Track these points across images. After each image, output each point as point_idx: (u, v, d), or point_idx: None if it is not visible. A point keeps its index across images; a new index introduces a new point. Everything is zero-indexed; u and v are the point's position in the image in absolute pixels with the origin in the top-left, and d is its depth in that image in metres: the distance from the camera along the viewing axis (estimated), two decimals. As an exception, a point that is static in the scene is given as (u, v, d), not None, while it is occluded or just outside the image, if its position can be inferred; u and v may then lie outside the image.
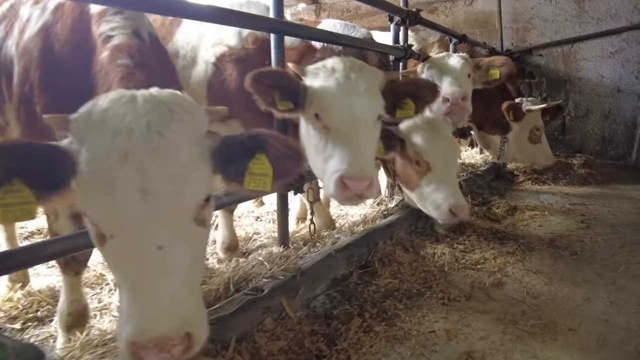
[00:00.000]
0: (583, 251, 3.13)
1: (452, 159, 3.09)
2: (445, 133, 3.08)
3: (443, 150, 2.97)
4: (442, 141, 3.00)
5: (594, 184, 5.48)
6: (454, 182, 3.05)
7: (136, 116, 1.19)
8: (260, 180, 1.40)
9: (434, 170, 2.95)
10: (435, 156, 2.94)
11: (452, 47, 5.24)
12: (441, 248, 3.11)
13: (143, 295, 1.12)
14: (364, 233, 2.97)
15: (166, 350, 1.09)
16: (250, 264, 2.47)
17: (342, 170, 1.95)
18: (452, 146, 3.10)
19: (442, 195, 2.91)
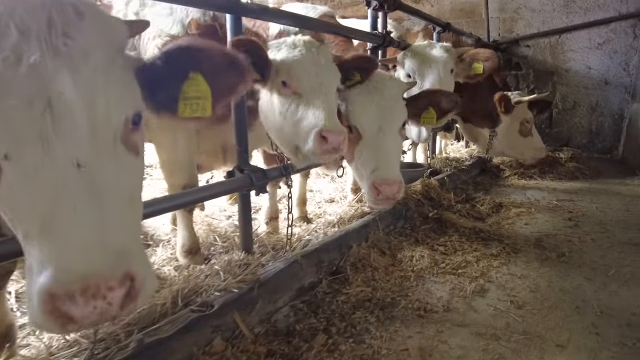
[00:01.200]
0: (571, 252, 2.92)
1: (387, 123, 2.48)
2: (381, 93, 2.52)
3: (372, 113, 2.47)
4: (373, 102, 2.49)
5: (582, 178, 5.31)
6: (388, 152, 2.45)
7: (31, 10, 0.94)
8: (197, 104, 1.23)
9: (364, 137, 2.48)
10: (363, 120, 2.47)
11: (436, 36, 4.99)
12: (420, 250, 2.87)
13: (61, 229, 0.86)
14: (336, 235, 2.73)
15: (100, 295, 0.81)
16: (204, 274, 2.21)
17: (320, 125, 2.02)
18: (388, 110, 2.50)
19: (367, 167, 2.43)
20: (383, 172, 2.34)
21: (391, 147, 2.44)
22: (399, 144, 2.60)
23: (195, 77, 1.21)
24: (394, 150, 2.49)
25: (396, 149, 2.54)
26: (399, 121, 2.52)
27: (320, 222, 3.65)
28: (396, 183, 2.31)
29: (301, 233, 3.37)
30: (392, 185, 2.29)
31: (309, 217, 4.07)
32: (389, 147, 2.42)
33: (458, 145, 7.71)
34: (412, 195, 3.68)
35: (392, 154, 2.44)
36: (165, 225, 3.59)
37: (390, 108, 2.47)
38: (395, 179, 2.33)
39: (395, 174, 2.37)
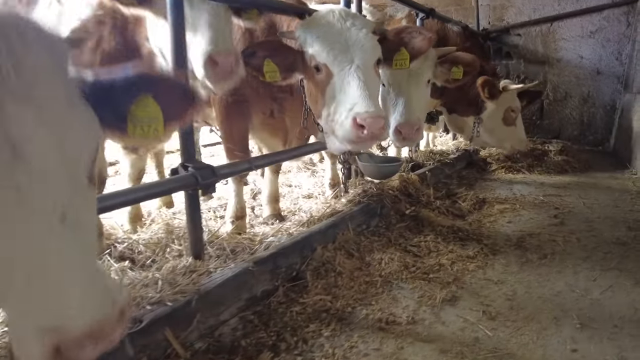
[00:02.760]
0: (554, 254, 2.71)
1: (359, 57, 2.24)
2: (348, 26, 2.30)
3: (342, 46, 2.24)
4: (341, 35, 2.27)
5: (571, 172, 5.11)
6: (367, 85, 2.20)
7: None
8: (148, 127, 1.21)
9: (335, 74, 2.24)
10: (332, 55, 2.24)
11: (419, 22, 4.74)
12: (391, 252, 2.65)
13: (58, 281, 0.85)
14: (298, 237, 2.50)
15: (105, 337, 0.89)
16: (142, 283, 1.98)
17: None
18: (359, 43, 2.27)
19: (344, 106, 2.18)
20: (365, 105, 2.13)
21: (369, 81, 2.23)
22: (376, 81, 2.40)
23: (146, 99, 1.19)
24: (373, 85, 2.29)
25: (374, 85, 2.34)
26: (372, 56, 2.33)
27: (292, 221, 3.44)
28: (381, 117, 2.12)
29: (269, 232, 3.15)
30: (377, 119, 2.09)
31: (282, 215, 3.85)
32: (366, 80, 2.21)
33: (447, 138, 7.50)
34: (388, 191, 3.45)
35: (371, 88, 2.23)
36: (123, 225, 3.35)
37: (361, 41, 2.28)
38: (380, 113, 2.14)
39: (379, 108, 2.20)
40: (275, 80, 2.29)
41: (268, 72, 2.25)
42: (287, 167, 5.82)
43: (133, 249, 2.91)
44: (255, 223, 3.74)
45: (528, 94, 5.96)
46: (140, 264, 2.73)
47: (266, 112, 3.10)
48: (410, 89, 3.16)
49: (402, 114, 3.11)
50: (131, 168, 3.15)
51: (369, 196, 3.27)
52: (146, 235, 3.12)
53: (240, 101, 2.99)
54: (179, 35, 1.95)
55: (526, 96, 5.94)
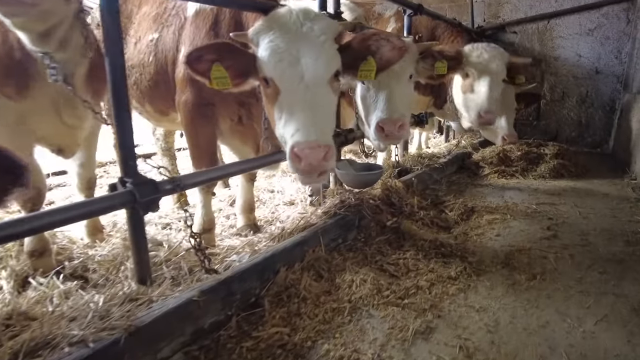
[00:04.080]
0: (544, 273, 2.46)
1: (311, 72, 1.95)
2: (302, 33, 1.99)
3: (291, 58, 1.93)
4: (292, 45, 1.95)
5: (567, 176, 4.85)
6: (312, 109, 1.93)
7: None
8: None
9: (282, 91, 1.97)
10: (279, 69, 1.95)
11: (407, 19, 4.48)
12: (365, 272, 2.40)
13: None
14: (258, 258, 2.25)
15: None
16: (69, 316, 1.73)
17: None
18: (313, 55, 1.95)
19: (288, 130, 1.93)
20: (304, 133, 1.86)
21: (317, 102, 1.95)
22: (328, 99, 2.07)
23: None
24: (322, 108, 1.98)
25: (325, 106, 2.02)
26: (327, 70, 2.01)
27: (263, 234, 3.19)
28: (321, 148, 1.83)
29: (238, 246, 2.91)
30: (315, 150, 1.81)
31: (257, 225, 3.61)
32: (313, 102, 1.93)
33: (442, 139, 7.25)
34: (369, 201, 3.20)
35: (318, 112, 1.94)
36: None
37: (316, 52, 1.95)
38: (320, 142, 1.85)
39: (321, 137, 1.88)
40: (225, 87, 2.02)
41: (216, 79, 1.98)
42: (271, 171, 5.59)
43: (88, 267, 2.70)
44: (227, 234, 3.51)
45: (526, 96, 5.72)
46: (93, 283, 2.50)
47: (234, 118, 2.85)
48: (391, 84, 2.91)
49: (384, 110, 2.86)
50: (77, 178, 2.90)
51: (346, 207, 3.03)
52: (105, 250, 2.89)
53: (205, 104, 2.75)
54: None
55: (524, 98, 5.70)
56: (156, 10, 3.05)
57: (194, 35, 2.77)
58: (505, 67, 4.19)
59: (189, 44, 2.80)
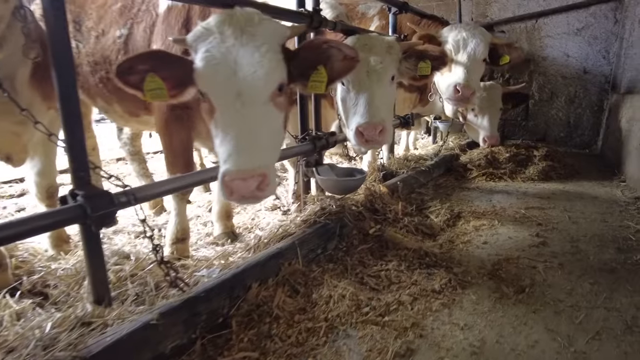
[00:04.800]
0: (533, 285, 2.34)
1: (249, 87, 1.73)
2: (241, 41, 1.74)
3: (227, 71, 1.71)
4: (228, 55, 1.71)
5: (556, 179, 4.76)
6: (247, 131, 1.73)
7: None
8: None
9: (217, 108, 1.77)
10: (213, 83, 1.75)
11: (392, 18, 4.36)
12: (344, 285, 2.25)
13: None
14: (227, 274, 2.08)
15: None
16: (7, 347, 1.56)
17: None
18: (252, 67, 1.72)
19: (222, 153, 1.74)
20: (236, 161, 1.65)
21: (255, 122, 1.73)
22: (270, 117, 1.82)
23: None
24: (261, 128, 1.75)
25: (265, 125, 1.77)
26: (268, 84, 1.78)
27: (239, 244, 3.03)
28: (254, 178, 1.63)
29: (213, 257, 2.75)
30: (247, 182, 1.63)
31: (236, 233, 3.45)
32: (251, 122, 1.72)
33: (430, 139, 7.14)
34: (351, 207, 3.06)
35: (256, 133, 1.72)
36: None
37: (255, 65, 1.71)
38: (254, 171, 1.64)
39: (257, 163, 1.67)
40: (162, 99, 1.81)
41: (151, 91, 1.76)
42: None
43: (48, 282, 2.51)
44: (204, 243, 3.35)
45: (514, 96, 5.63)
46: (53, 300, 2.32)
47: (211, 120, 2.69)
48: (372, 86, 2.76)
49: (363, 114, 2.71)
50: (35, 187, 2.71)
51: (327, 214, 2.88)
52: (69, 263, 2.71)
53: (181, 107, 2.58)
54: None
55: (512, 99, 5.61)
56: (122, 2, 2.86)
57: (166, 33, 2.60)
58: (486, 46, 4.05)
59: (161, 44, 2.63)
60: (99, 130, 4.88)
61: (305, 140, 3.08)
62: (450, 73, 4.08)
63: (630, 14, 5.65)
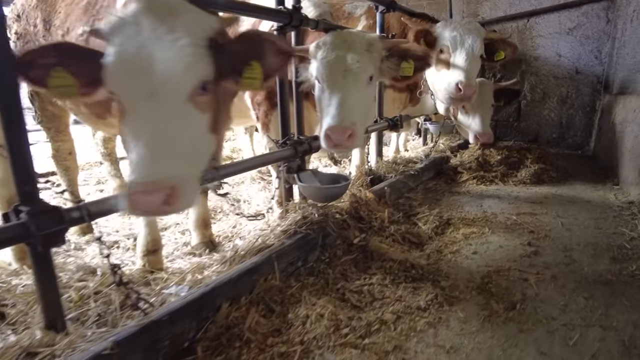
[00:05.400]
0: (525, 300, 2.20)
1: (162, 85, 1.51)
2: (154, 32, 1.52)
3: (137, 67, 1.49)
4: (139, 49, 1.49)
5: (548, 182, 4.64)
6: (157, 136, 1.50)
7: None
8: None
9: (127, 109, 1.55)
10: (120, 80, 1.53)
11: (379, 17, 4.21)
12: (323, 303, 2.10)
13: None
14: (195, 294, 1.92)
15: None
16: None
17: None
18: (167, 62, 1.50)
19: (130, 161, 1.52)
20: (141, 172, 1.42)
21: (168, 127, 1.50)
22: (189, 120, 1.59)
23: None
24: (176, 132, 1.52)
25: (181, 129, 1.54)
26: (186, 82, 1.55)
27: (215, 257, 2.87)
28: (160, 192, 1.40)
29: (186, 269, 2.59)
30: (153, 196, 1.40)
31: (214, 242, 3.29)
32: (163, 127, 1.49)
33: (419, 141, 7.02)
34: (335, 215, 2.91)
35: (168, 140, 1.49)
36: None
37: (171, 61, 1.49)
38: (161, 184, 1.41)
39: (168, 173, 1.44)
40: (71, 97, 1.60)
41: (57, 87, 1.55)
42: (240, 177, 5.26)
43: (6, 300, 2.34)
44: (180, 254, 3.19)
45: (506, 93, 5.50)
46: (9, 320, 2.15)
47: None
48: (347, 87, 2.61)
49: (333, 116, 2.56)
50: None
51: (308, 224, 2.72)
52: (31, 279, 2.53)
53: None
54: None
55: (504, 95, 5.48)
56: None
57: None
58: (482, 42, 3.95)
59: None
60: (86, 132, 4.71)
61: (286, 145, 2.92)
62: (448, 71, 3.95)
63: (622, 13, 5.56)
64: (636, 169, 4.00)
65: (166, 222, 3.76)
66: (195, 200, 1.62)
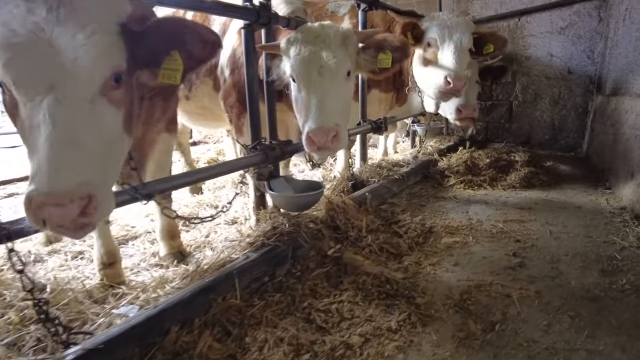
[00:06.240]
0: (505, 320, 2.03)
1: (61, 79, 1.32)
2: (65, 13, 1.31)
3: (30, 56, 1.29)
4: (35, 38, 1.28)
5: (539, 186, 4.48)
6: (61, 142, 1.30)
7: None
8: None
9: (22, 108, 1.37)
10: (13, 74, 1.32)
11: (361, 15, 4.05)
12: (286, 325, 1.93)
13: None
14: (139, 316, 1.74)
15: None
16: None
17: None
18: (66, 53, 1.30)
19: (31, 169, 1.35)
20: (44, 181, 1.20)
21: (73, 125, 1.28)
22: (101, 118, 1.39)
23: None
24: (83, 133, 1.30)
25: (90, 129, 1.33)
26: (97, 74, 1.37)
27: (181, 269, 2.69)
28: (73, 201, 1.20)
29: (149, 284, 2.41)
30: (66, 207, 1.19)
31: (184, 252, 3.11)
32: (67, 126, 1.27)
33: (408, 143, 6.86)
34: (308, 225, 2.74)
35: (72, 142, 1.27)
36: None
37: (78, 48, 1.30)
38: (70, 192, 1.21)
39: (72, 180, 1.23)
40: None
41: None
42: (222, 181, 5.08)
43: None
44: (147, 265, 3.00)
45: (491, 71, 5.33)
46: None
47: None
48: (325, 85, 2.45)
49: (314, 117, 2.40)
50: None
51: (278, 235, 2.55)
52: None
53: None
54: None
55: (490, 73, 5.33)
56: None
57: None
58: (471, 36, 3.81)
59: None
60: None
61: (256, 150, 2.75)
62: (436, 64, 3.80)
63: (614, 12, 5.41)
64: (628, 173, 3.85)
65: (137, 230, 3.59)
66: (111, 209, 1.42)
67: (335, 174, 4.84)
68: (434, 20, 3.88)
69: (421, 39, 3.92)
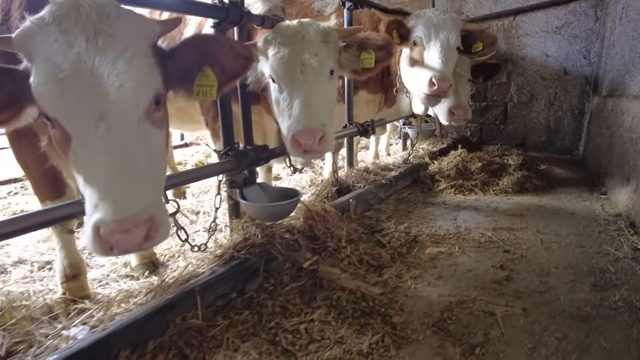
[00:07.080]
0: (487, 343, 1.88)
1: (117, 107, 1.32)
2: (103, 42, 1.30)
3: (81, 81, 1.27)
4: (84, 64, 1.27)
5: (532, 191, 4.33)
6: (109, 171, 1.33)
7: None
8: None
9: (74, 140, 1.33)
10: (61, 106, 1.31)
11: (347, 13, 3.89)
12: (248, 347, 1.78)
13: None
14: (87, 340, 1.59)
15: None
16: None
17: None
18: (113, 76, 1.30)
19: (88, 202, 1.36)
20: (111, 209, 1.22)
21: (127, 152, 1.29)
22: (149, 140, 1.39)
23: None
24: (137, 158, 1.32)
25: (142, 153, 1.34)
26: (142, 98, 1.35)
27: (147, 282, 2.54)
28: (139, 225, 1.24)
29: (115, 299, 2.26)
30: (133, 232, 1.23)
31: (157, 262, 2.96)
32: (121, 153, 1.28)
33: (400, 146, 6.71)
34: (283, 235, 2.59)
35: (128, 168, 1.28)
36: None
37: (121, 74, 1.28)
38: (136, 217, 1.24)
39: (136, 206, 1.26)
40: None
41: None
42: (206, 186, 4.93)
43: None
44: (116, 276, 2.85)
45: (485, 68, 5.16)
46: None
47: None
48: (308, 85, 2.32)
49: (299, 119, 2.27)
50: None
51: (249, 247, 2.40)
52: None
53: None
54: None
55: (483, 71, 5.15)
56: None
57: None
58: (459, 34, 3.65)
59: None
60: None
61: (228, 155, 2.60)
62: (422, 65, 3.65)
63: (611, 11, 5.25)
64: (624, 178, 3.70)
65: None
66: (169, 228, 1.41)
67: (323, 178, 4.69)
68: (420, 18, 3.72)
69: (407, 38, 3.77)
